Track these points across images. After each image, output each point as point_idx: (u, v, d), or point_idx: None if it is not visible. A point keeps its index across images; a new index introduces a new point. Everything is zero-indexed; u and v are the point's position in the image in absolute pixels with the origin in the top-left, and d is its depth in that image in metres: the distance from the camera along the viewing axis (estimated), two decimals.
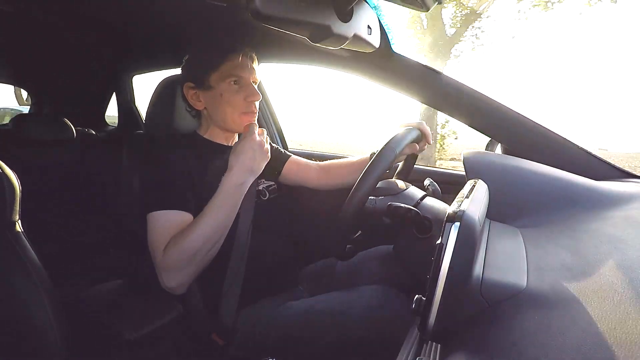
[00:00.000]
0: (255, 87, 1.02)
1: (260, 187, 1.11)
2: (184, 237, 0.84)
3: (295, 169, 1.26)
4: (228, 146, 1.09)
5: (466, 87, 1.05)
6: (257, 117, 1.05)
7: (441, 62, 8.97)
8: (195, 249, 0.84)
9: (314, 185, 1.26)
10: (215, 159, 1.03)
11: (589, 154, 0.99)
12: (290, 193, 1.38)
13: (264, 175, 1.14)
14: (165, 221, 0.88)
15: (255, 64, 1.04)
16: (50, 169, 1.64)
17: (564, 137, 1.00)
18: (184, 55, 1.08)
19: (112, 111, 2.24)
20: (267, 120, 1.73)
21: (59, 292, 0.74)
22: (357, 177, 0.80)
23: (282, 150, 1.30)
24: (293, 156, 1.28)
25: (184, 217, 0.90)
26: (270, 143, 1.28)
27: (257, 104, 1.03)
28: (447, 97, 1.08)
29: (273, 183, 1.17)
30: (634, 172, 0.96)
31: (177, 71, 1.18)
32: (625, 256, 0.50)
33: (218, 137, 1.07)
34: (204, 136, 1.07)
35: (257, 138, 0.93)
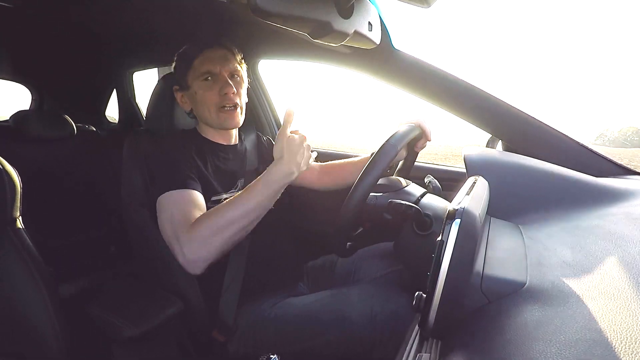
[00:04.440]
0: (232, 79, 1.00)
1: None
2: (218, 210, 0.84)
3: None
4: (228, 146, 1.09)
5: (466, 84, 1.04)
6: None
7: None
8: (227, 221, 0.83)
9: (315, 186, 1.26)
10: (213, 158, 1.03)
11: (590, 150, 0.99)
12: (289, 192, 1.38)
13: None
14: (180, 198, 0.88)
15: (234, 55, 1.02)
16: (50, 165, 1.64)
17: (565, 133, 1.00)
18: None
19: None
20: (267, 117, 1.73)
21: (60, 288, 0.74)
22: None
23: None
24: None
25: (196, 195, 0.90)
26: (272, 144, 1.28)
27: (238, 98, 1.00)
28: (448, 93, 1.07)
29: None
30: (635, 169, 0.96)
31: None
32: (625, 252, 0.50)
33: (214, 135, 1.07)
34: (202, 134, 1.07)
35: (305, 144, 0.88)
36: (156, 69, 1.99)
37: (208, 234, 0.82)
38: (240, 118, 1.04)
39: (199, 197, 0.90)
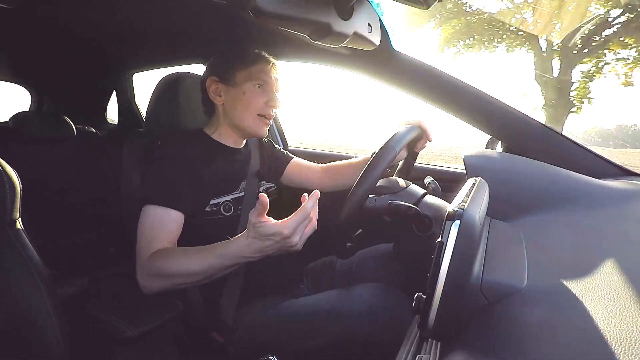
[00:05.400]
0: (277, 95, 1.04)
1: (261, 189, 1.11)
2: (173, 256, 0.84)
3: (297, 171, 1.26)
4: (235, 149, 1.09)
5: (466, 85, 1.05)
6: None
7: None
8: (176, 272, 0.83)
9: (316, 187, 1.25)
10: (220, 160, 1.03)
11: (589, 152, 0.99)
12: (290, 193, 1.38)
13: (265, 177, 1.14)
14: (154, 217, 0.89)
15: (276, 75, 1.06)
16: (50, 166, 1.64)
17: (564, 135, 1.01)
18: (184, 53, 1.08)
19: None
20: None
21: (60, 289, 0.74)
22: None
23: (284, 152, 1.29)
24: (295, 158, 1.28)
25: (175, 216, 0.90)
26: (273, 146, 1.28)
27: (273, 111, 1.05)
28: (447, 94, 1.08)
29: (273, 185, 1.17)
30: (634, 171, 0.96)
31: (178, 69, 1.18)
32: (625, 254, 0.50)
33: (227, 138, 1.07)
34: (211, 135, 1.07)
35: (298, 247, 0.79)
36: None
37: (157, 273, 0.84)
38: None
39: (175, 218, 0.90)
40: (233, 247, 0.79)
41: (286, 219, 0.75)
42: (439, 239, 0.47)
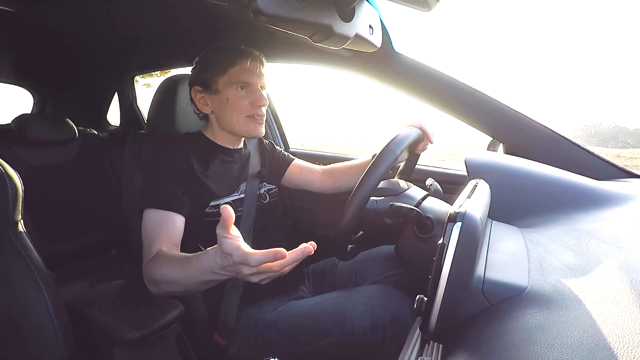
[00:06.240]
0: (264, 92, 1.02)
1: (262, 191, 1.12)
2: (159, 266, 0.81)
3: (299, 173, 1.26)
4: (233, 149, 1.09)
5: (467, 87, 1.05)
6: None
7: None
8: (160, 281, 0.80)
9: (318, 189, 1.26)
10: (218, 161, 1.03)
11: (591, 153, 0.99)
12: (291, 195, 1.38)
13: (265, 178, 1.14)
14: (153, 220, 0.89)
15: (264, 68, 1.04)
16: (52, 168, 1.64)
17: (566, 136, 1.00)
18: (186, 55, 1.08)
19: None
20: (269, 120, 1.73)
21: (61, 292, 0.74)
22: None
23: (285, 153, 1.29)
24: (296, 160, 1.28)
25: (174, 218, 0.90)
26: (274, 148, 1.28)
27: (264, 109, 1.03)
28: (449, 96, 1.08)
29: (274, 187, 1.17)
30: (635, 172, 0.96)
31: (179, 71, 1.18)
32: (627, 256, 0.50)
33: (224, 139, 1.07)
34: (209, 137, 1.07)
35: (253, 280, 0.68)
36: None
37: (151, 279, 0.82)
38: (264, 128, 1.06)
39: (174, 220, 0.90)
40: (203, 258, 0.71)
41: (249, 250, 0.64)
42: (440, 241, 0.47)
